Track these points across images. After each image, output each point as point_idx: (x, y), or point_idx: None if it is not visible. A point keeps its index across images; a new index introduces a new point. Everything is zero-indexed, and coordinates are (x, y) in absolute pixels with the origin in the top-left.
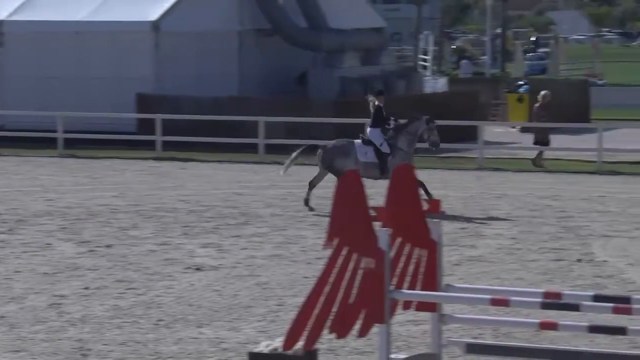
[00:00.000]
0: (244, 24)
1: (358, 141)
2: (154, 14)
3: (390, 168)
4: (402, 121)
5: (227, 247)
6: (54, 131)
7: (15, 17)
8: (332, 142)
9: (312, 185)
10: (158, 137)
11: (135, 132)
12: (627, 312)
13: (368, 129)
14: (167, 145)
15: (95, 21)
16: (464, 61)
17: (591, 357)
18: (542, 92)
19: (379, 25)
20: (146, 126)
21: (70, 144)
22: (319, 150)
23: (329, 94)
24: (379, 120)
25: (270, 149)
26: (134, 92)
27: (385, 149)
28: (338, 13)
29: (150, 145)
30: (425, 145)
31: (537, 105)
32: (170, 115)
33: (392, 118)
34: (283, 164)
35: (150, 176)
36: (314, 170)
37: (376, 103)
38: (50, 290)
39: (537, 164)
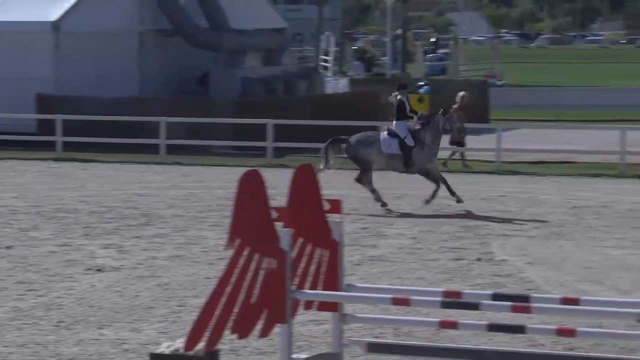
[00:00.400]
0: (144, 24)
1: (384, 133)
2: (54, 14)
3: (415, 162)
4: (425, 115)
5: (128, 248)
6: None
7: None
8: (357, 134)
9: (363, 182)
10: (58, 138)
11: (35, 133)
12: (526, 310)
13: (394, 123)
14: (67, 146)
15: None
16: (355, 62)
17: (491, 356)
18: (460, 93)
19: (280, 26)
20: (46, 127)
21: None
22: (343, 144)
23: (230, 94)
24: (402, 114)
25: (172, 149)
26: (33, 93)
27: (409, 141)
28: (239, 13)
29: (50, 146)
30: None
31: (455, 106)
32: (71, 115)
33: (416, 113)
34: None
35: (51, 177)
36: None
37: (398, 97)
38: None
39: (464, 165)
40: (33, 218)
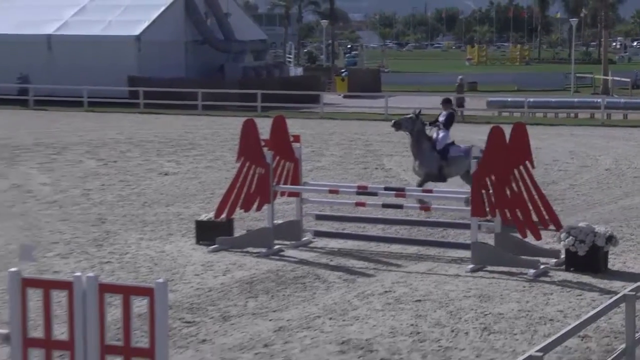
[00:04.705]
0: (187, 36)
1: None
2: (137, 31)
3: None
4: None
5: (182, 162)
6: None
7: None
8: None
9: None
10: (140, 100)
11: (127, 97)
12: (403, 196)
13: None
14: (145, 105)
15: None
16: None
17: (383, 221)
18: (460, 76)
19: (263, 38)
20: (133, 94)
21: (92, 105)
22: None
23: (236, 76)
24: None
25: (204, 107)
26: (126, 75)
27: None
28: (240, 30)
29: (136, 105)
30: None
31: (456, 84)
32: (146, 88)
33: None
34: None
35: (136, 122)
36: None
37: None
38: (82, 186)
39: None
40: (127, 145)
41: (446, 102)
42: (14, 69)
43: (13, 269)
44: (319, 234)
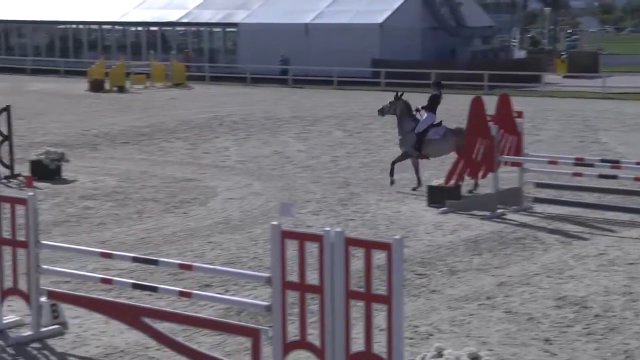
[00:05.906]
0: (424, 23)
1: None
2: (380, 19)
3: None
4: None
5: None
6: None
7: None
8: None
9: None
10: (382, 80)
11: (370, 77)
12: (618, 168)
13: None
14: (387, 84)
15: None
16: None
17: (599, 190)
18: None
19: (490, 24)
20: (375, 74)
21: (340, 84)
22: None
23: (465, 58)
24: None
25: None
26: (370, 57)
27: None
28: (470, 17)
29: (377, 84)
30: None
31: None
32: (388, 69)
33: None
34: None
35: (379, 99)
36: None
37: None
38: (331, 153)
39: None
40: (369, 119)
41: (433, 85)
42: (278, 53)
43: (274, 223)
44: (538, 200)
